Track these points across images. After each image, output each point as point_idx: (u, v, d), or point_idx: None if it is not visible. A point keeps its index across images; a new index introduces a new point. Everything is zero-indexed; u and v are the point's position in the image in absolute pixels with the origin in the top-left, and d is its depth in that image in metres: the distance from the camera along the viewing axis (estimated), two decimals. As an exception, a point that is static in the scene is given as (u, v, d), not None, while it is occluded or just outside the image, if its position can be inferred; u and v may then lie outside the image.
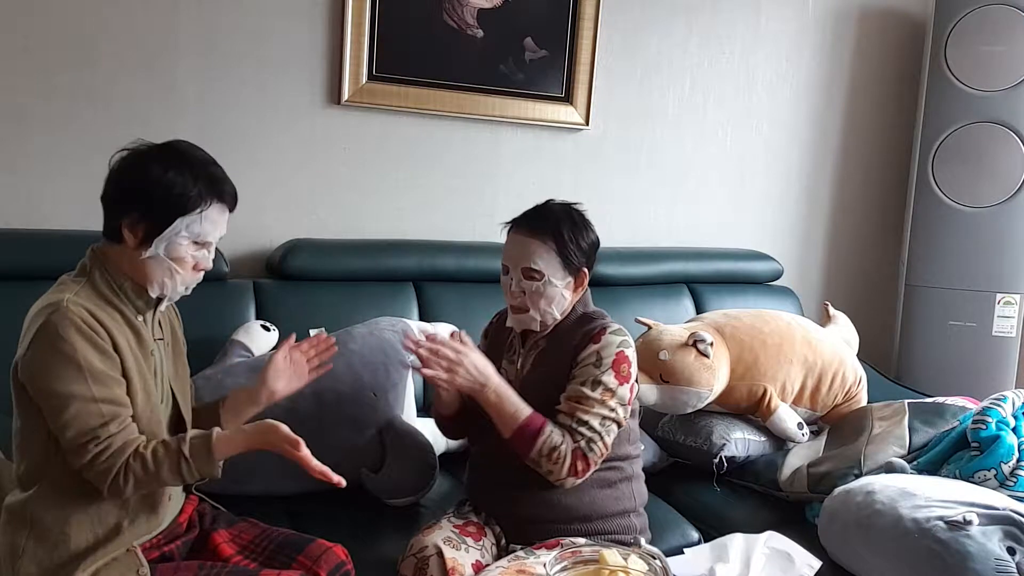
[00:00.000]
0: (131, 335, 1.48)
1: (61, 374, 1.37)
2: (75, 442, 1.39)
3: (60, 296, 1.41)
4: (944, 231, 3.24)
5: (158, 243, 1.45)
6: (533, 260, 1.76)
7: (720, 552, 1.92)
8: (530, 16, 2.81)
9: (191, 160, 1.48)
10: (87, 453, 1.38)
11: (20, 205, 2.31)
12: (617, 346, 1.76)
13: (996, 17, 3.11)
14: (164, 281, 1.48)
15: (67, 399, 1.37)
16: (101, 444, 1.39)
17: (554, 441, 1.69)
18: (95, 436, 1.39)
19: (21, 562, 1.42)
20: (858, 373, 2.59)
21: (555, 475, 1.71)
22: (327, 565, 1.59)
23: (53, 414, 1.39)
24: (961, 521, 1.78)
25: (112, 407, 1.41)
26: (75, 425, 1.38)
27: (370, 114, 2.68)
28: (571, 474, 1.71)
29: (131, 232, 1.45)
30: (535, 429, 1.70)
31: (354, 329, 2.26)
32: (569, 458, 1.70)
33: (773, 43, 3.27)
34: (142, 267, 1.46)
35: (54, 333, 1.37)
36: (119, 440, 1.40)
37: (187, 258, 1.48)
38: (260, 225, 2.56)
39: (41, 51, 2.28)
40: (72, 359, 1.37)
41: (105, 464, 1.39)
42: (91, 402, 1.38)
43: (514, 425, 1.70)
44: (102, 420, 1.39)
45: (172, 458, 1.43)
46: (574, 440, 1.70)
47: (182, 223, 1.45)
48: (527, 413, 1.71)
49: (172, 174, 1.44)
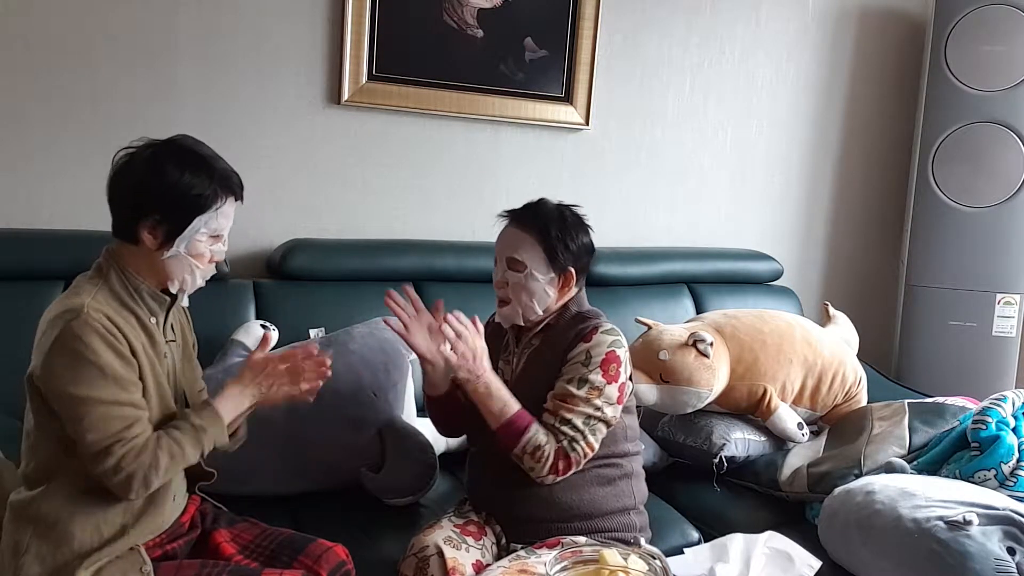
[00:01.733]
0: (145, 338, 1.48)
1: (83, 379, 1.37)
2: (98, 445, 1.38)
3: (79, 301, 1.41)
4: (944, 231, 3.24)
5: (179, 243, 1.46)
6: (517, 251, 1.79)
7: (720, 552, 1.92)
8: (530, 16, 2.81)
9: (203, 158, 1.49)
10: (112, 456, 1.38)
11: (20, 205, 2.31)
12: (608, 345, 1.76)
13: (996, 17, 3.11)
14: (185, 278, 1.50)
15: (90, 404, 1.37)
16: (127, 446, 1.39)
17: (539, 440, 1.70)
18: (120, 438, 1.39)
19: (25, 559, 1.42)
20: (858, 373, 2.59)
21: (536, 472, 1.72)
22: (328, 565, 1.59)
23: (74, 419, 1.39)
24: (961, 521, 1.78)
25: (134, 410, 1.42)
26: (98, 429, 1.38)
27: (370, 114, 2.68)
28: (552, 472, 1.72)
29: (151, 234, 1.45)
30: (521, 427, 1.71)
31: (354, 329, 2.26)
32: (552, 457, 1.71)
33: (773, 43, 3.27)
34: (163, 267, 1.48)
35: (75, 339, 1.37)
36: (141, 440, 1.41)
37: (206, 253, 1.51)
38: (260, 225, 2.57)
39: (41, 51, 2.28)
40: (95, 364, 1.37)
41: (132, 465, 1.39)
42: (114, 406, 1.39)
43: (501, 420, 1.72)
44: (126, 423, 1.40)
45: (189, 433, 1.46)
46: (556, 440, 1.71)
47: (200, 221, 1.47)
48: (515, 409, 1.72)
49: (189, 175, 1.45)
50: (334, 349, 2.14)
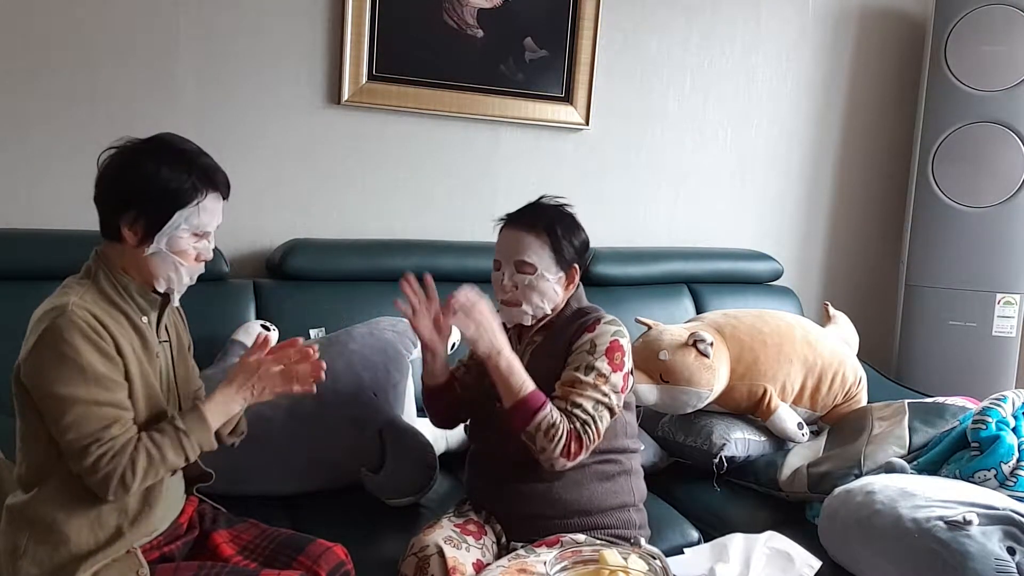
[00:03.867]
0: (135, 338, 1.48)
1: (63, 377, 1.37)
2: (76, 445, 1.38)
3: (65, 299, 1.41)
4: (944, 231, 3.24)
5: (159, 239, 1.45)
6: (527, 253, 1.79)
7: (720, 552, 1.92)
8: (530, 16, 2.81)
9: (182, 152, 1.48)
10: (89, 456, 1.38)
11: (20, 205, 2.31)
12: (611, 335, 1.78)
13: (996, 17, 3.11)
14: (170, 275, 1.49)
15: (69, 402, 1.37)
16: (103, 447, 1.39)
17: (554, 418, 1.70)
18: (97, 439, 1.39)
19: (22, 563, 1.42)
20: (858, 373, 2.59)
21: (548, 453, 1.71)
22: (327, 565, 1.59)
23: (55, 417, 1.39)
24: (961, 521, 1.78)
25: (114, 410, 1.41)
26: (77, 428, 1.38)
27: (370, 114, 2.68)
28: (564, 455, 1.71)
29: (130, 230, 1.45)
30: (537, 404, 1.71)
31: (354, 329, 2.26)
32: (564, 438, 1.70)
33: (773, 43, 3.27)
34: (146, 264, 1.47)
35: (58, 336, 1.37)
36: (120, 442, 1.40)
37: (189, 250, 1.49)
38: (260, 225, 2.57)
39: (41, 51, 2.28)
40: (75, 362, 1.37)
41: (109, 466, 1.39)
42: (93, 405, 1.38)
43: (518, 396, 1.71)
44: (104, 423, 1.39)
45: (171, 435, 1.44)
46: (570, 422, 1.72)
47: (181, 216, 1.46)
48: (532, 387, 1.73)
49: (166, 169, 1.44)
50: (334, 349, 2.14)
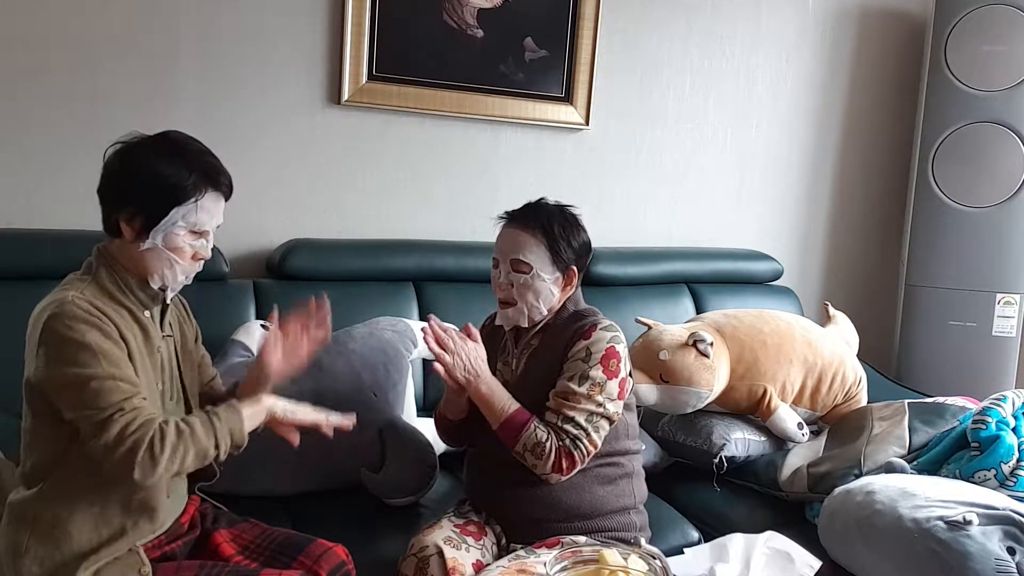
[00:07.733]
0: (138, 331, 1.48)
1: (74, 359, 1.35)
2: (96, 418, 1.35)
3: (64, 294, 1.41)
4: (944, 231, 3.24)
5: (155, 234, 1.45)
6: (523, 252, 1.78)
7: (720, 552, 1.92)
8: (530, 16, 2.81)
9: (184, 150, 1.48)
10: (112, 426, 1.34)
11: (20, 205, 2.31)
12: (607, 341, 1.77)
13: (996, 17, 3.11)
14: (164, 272, 1.48)
15: (85, 379, 1.35)
16: (127, 415, 1.35)
17: (538, 436, 1.71)
18: (120, 408, 1.35)
19: (24, 560, 1.42)
20: (858, 373, 2.59)
21: (539, 469, 1.73)
22: (327, 565, 1.59)
23: (72, 402, 1.37)
24: (961, 521, 1.78)
25: (130, 386, 1.39)
26: (96, 401, 1.35)
27: (370, 114, 2.68)
28: (555, 470, 1.72)
29: (128, 225, 1.45)
30: (520, 423, 1.72)
31: (354, 329, 2.26)
32: (554, 455, 1.71)
33: (773, 43, 3.27)
34: (141, 259, 1.47)
35: (60, 324, 1.36)
36: (145, 413, 1.37)
37: (185, 248, 1.48)
38: (260, 225, 2.57)
39: (41, 51, 2.28)
40: (82, 343, 1.36)
41: (136, 435, 1.34)
42: (109, 380, 1.36)
43: (501, 418, 1.73)
44: (125, 395, 1.37)
45: (200, 417, 1.44)
46: (559, 439, 1.72)
47: (178, 213, 1.45)
48: (515, 407, 1.74)
49: (165, 165, 1.44)
50: (334, 349, 2.14)
